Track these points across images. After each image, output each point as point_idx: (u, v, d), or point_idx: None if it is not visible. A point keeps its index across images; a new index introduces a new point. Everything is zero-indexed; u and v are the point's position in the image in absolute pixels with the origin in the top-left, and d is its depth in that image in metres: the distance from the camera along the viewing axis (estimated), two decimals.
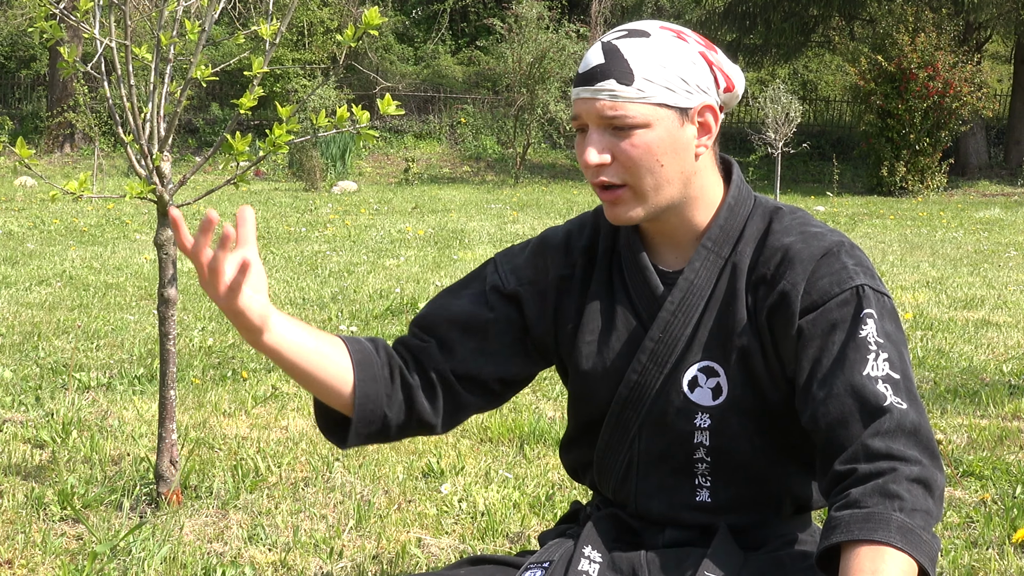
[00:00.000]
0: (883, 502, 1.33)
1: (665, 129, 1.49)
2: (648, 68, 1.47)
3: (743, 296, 1.54)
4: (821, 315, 1.47)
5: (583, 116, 1.51)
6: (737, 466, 1.57)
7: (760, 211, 1.58)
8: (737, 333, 1.53)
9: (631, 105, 1.47)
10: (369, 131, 2.64)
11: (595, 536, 1.59)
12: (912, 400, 1.42)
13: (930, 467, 1.38)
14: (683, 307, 1.55)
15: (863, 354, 1.43)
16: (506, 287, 1.64)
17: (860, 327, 1.45)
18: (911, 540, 1.31)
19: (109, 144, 20.37)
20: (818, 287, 1.48)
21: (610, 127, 1.49)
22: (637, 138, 1.48)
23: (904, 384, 1.43)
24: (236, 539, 2.65)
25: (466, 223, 11.84)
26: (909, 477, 1.36)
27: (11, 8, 21.88)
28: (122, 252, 8.73)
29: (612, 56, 1.48)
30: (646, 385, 1.57)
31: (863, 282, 1.48)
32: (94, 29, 2.75)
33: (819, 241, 1.52)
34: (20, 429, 3.53)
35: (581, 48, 20.42)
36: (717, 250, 1.56)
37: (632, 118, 1.47)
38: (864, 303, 1.46)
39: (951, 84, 18.38)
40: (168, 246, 2.78)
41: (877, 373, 1.42)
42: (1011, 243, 10.55)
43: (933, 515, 1.36)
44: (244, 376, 4.35)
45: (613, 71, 1.47)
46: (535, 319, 1.64)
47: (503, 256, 1.69)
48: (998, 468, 3.21)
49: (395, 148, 22.66)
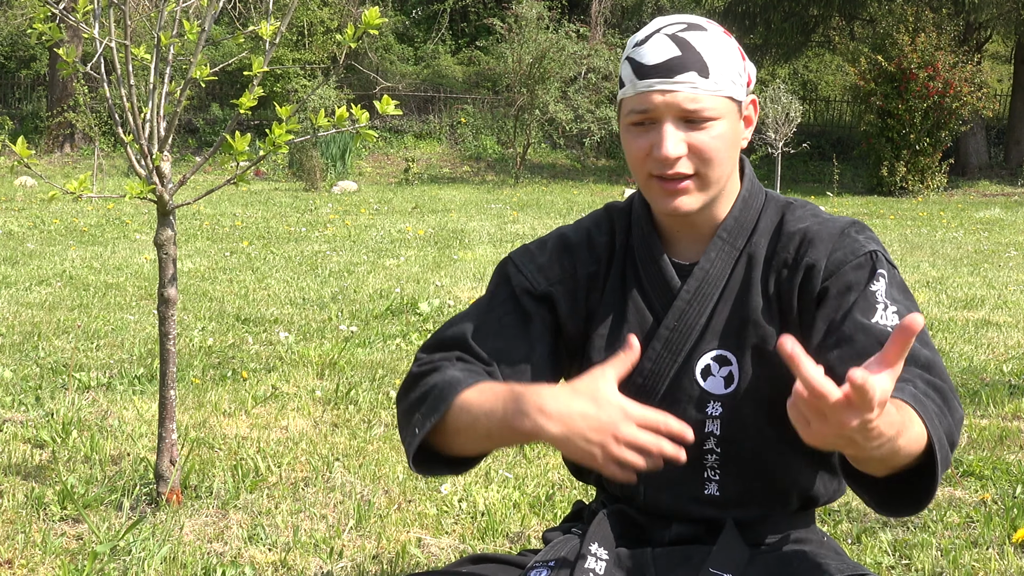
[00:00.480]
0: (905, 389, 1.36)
1: (731, 122, 1.52)
2: (718, 62, 1.50)
3: (758, 285, 1.56)
4: (838, 278, 1.51)
5: (659, 109, 1.49)
6: (746, 458, 1.58)
7: (773, 204, 1.62)
8: (752, 322, 1.55)
9: (709, 98, 1.49)
10: (368, 131, 2.64)
11: (601, 533, 1.59)
12: (925, 345, 1.45)
13: (948, 388, 1.42)
14: (698, 296, 1.57)
15: (872, 304, 1.47)
16: (537, 288, 1.62)
17: (871, 284, 1.49)
18: (923, 407, 1.33)
19: (109, 144, 20.37)
20: (835, 258, 1.52)
21: (687, 119, 1.50)
22: (714, 130, 1.50)
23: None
24: (236, 539, 2.65)
25: (466, 223, 11.85)
26: (924, 379, 1.39)
27: (11, 8, 21.88)
28: (122, 252, 8.73)
29: (686, 48, 1.49)
30: (660, 373, 1.58)
31: (875, 248, 1.53)
32: (94, 29, 2.75)
33: (834, 223, 1.57)
34: (20, 429, 3.53)
35: (581, 48, 20.42)
36: (732, 241, 1.58)
37: (710, 110, 1.49)
38: (878, 265, 1.51)
39: (951, 84, 18.38)
40: (168, 246, 2.78)
41: (886, 322, 1.45)
42: (1011, 243, 10.55)
43: (949, 417, 1.37)
44: (244, 376, 4.35)
45: (691, 63, 1.48)
46: (567, 317, 1.63)
47: (521, 257, 1.66)
48: (998, 468, 3.21)
49: (395, 148, 22.66)
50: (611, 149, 22.66)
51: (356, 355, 4.77)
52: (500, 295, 1.64)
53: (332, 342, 5.07)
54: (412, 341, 5.14)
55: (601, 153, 23.00)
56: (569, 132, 21.24)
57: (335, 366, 4.54)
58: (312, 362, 4.63)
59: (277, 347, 4.96)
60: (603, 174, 21.67)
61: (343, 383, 4.22)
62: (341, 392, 4.06)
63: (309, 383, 4.26)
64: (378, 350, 4.94)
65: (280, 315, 5.86)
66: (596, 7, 24.72)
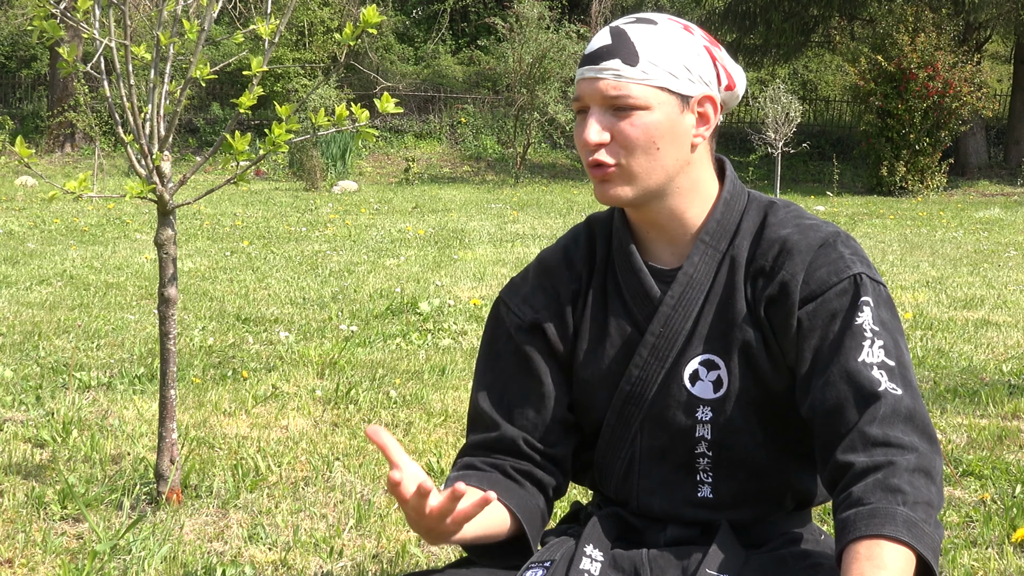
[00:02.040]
0: (886, 497, 1.35)
1: (665, 113, 1.50)
2: (653, 52, 1.50)
3: (742, 288, 1.55)
4: (820, 305, 1.49)
5: (585, 96, 1.52)
6: (738, 461, 1.58)
7: (755, 206, 1.60)
8: (738, 325, 1.55)
9: (633, 86, 1.49)
10: (369, 130, 2.64)
11: (596, 535, 1.59)
12: (907, 386, 1.44)
13: (928, 453, 1.40)
14: (683, 301, 1.56)
15: (858, 341, 1.45)
16: (524, 319, 1.64)
17: (857, 314, 1.47)
18: (915, 533, 1.32)
19: (109, 144, 20.37)
20: (816, 277, 1.50)
21: (611, 107, 1.50)
22: (636, 119, 1.50)
23: (899, 371, 1.45)
24: (236, 538, 2.65)
25: (466, 223, 11.85)
26: (908, 468, 1.37)
27: (11, 8, 21.88)
28: (122, 252, 8.73)
29: (619, 38, 1.51)
30: (647, 380, 1.58)
31: (860, 271, 1.50)
32: (94, 29, 2.75)
33: (816, 232, 1.54)
34: (20, 428, 3.53)
35: (581, 48, 20.41)
36: (715, 244, 1.57)
37: (634, 99, 1.49)
38: (861, 291, 1.48)
39: (951, 84, 18.38)
40: (168, 245, 2.78)
41: (872, 360, 1.44)
42: (1011, 243, 10.55)
43: (935, 504, 1.37)
44: (244, 376, 4.35)
45: (618, 52, 1.50)
46: (557, 340, 1.64)
47: (508, 294, 1.68)
48: (998, 468, 3.21)
49: (395, 148, 22.66)
50: None
51: (356, 355, 4.78)
52: (499, 339, 1.66)
53: (332, 342, 5.07)
54: (412, 341, 5.14)
55: None
56: (569, 132, 21.23)
57: (335, 366, 4.54)
58: (312, 362, 4.63)
59: (277, 347, 4.97)
60: None
61: (343, 383, 4.22)
62: (341, 392, 4.06)
63: (309, 383, 4.26)
64: (378, 350, 4.94)
65: (280, 315, 5.86)
66: (596, 7, 24.72)
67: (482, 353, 1.69)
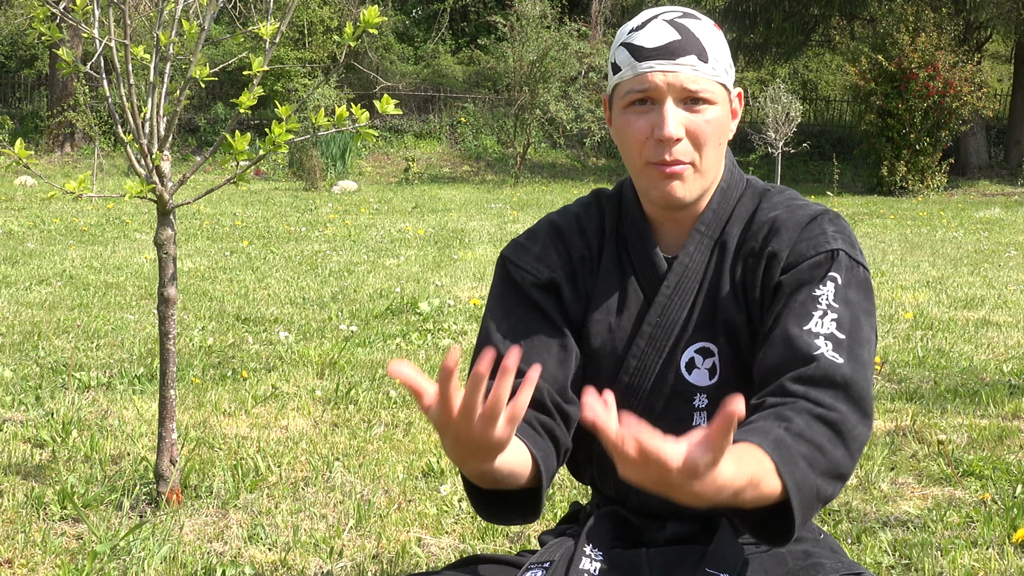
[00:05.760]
0: (770, 421, 1.32)
1: (723, 109, 1.54)
2: (713, 48, 1.52)
3: (728, 273, 1.56)
4: (794, 275, 1.50)
5: (660, 88, 1.50)
6: None
7: (750, 192, 1.62)
8: (723, 309, 1.55)
9: (708, 81, 1.51)
10: (368, 130, 2.64)
11: (596, 535, 1.59)
12: (853, 360, 1.41)
13: (849, 416, 1.36)
14: (679, 291, 1.57)
15: (809, 310, 1.45)
16: (540, 277, 1.61)
17: (819, 286, 1.47)
18: (783, 456, 1.27)
19: (109, 143, 20.37)
20: (797, 249, 1.51)
21: (687, 101, 1.51)
22: (709, 114, 1.51)
23: (848, 344, 1.42)
24: (236, 539, 2.65)
25: (466, 223, 11.85)
26: (813, 413, 1.34)
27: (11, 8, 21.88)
28: (122, 251, 8.73)
29: (685, 33, 1.52)
30: (645, 370, 1.58)
31: (839, 247, 1.50)
32: (93, 29, 2.74)
33: (804, 210, 1.56)
34: (20, 428, 3.53)
35: (582, 47, 20.42)
36: (709, 233, 1.58)
37: (710, 93, 1.51)
38: (833, 267, 1.49)
39: (951, 84, 18.38)
40: (168, 245, 2.78)
41: (819, 329, 1.43)
42: (1011, 243, 10.55)
43: (829, 457, 1.32)
44: (244, 376, 4.35)
45: (692, 47, 1.51)
46: (570, 302, 1.63)
47: (515, 252, 1.65)
48: (998, 468, 3.20)
49: (395, 148, 22.66)
50: (611, 149, 22.66)
51: (356, 355, 4.77)
52: (510, 297, 1.63)
53: (332, 342, 5.07)
54: (412, 341, 5.14)
55: (601, 153, 23.00)
56: (569, 131, 21.23)
57: (335, 366, 4.54)
58: (312, 362, 4.63)
59: (277, 347, 4.96)
60: (603, 174, 21.66)
61: (343, 383, 4.22)
62: (341, 392, 4.06)
63: (309, 383, 4.26)
64: (378, 350, 4.94)
65: (280, 315, 5.86)
66: (596, 7, 24.71)
67: (494, 309, 1.63)
